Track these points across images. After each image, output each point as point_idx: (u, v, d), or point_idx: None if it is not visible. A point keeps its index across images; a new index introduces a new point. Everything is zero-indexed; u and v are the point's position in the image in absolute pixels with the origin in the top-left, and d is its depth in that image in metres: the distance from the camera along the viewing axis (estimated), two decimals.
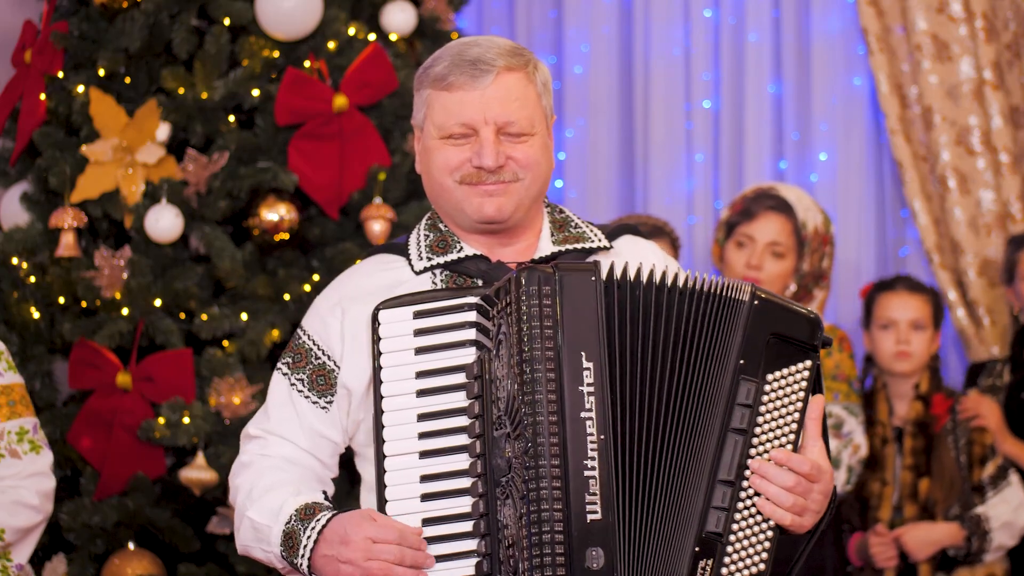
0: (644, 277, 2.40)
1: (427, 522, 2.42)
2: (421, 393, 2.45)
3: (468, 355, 2.45)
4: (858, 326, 5.21)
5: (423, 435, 2.44)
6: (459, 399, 2.44)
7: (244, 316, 4.27)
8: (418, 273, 2.61)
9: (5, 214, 4.50)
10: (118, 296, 4.22)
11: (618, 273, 2.39)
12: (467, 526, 2.41)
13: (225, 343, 4.29)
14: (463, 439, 2.43)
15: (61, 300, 4.30)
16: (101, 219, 4.37)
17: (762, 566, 2.35)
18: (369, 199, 4.34)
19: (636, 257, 2.57)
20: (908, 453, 4.44)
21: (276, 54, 4.36)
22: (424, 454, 2.44)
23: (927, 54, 5.09)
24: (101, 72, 4.35)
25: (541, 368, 2.33)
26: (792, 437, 2.39)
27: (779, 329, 2.38)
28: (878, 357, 4.53)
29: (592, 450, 2.32)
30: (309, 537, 2.46)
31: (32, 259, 4.36)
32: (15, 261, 4.34)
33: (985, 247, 5.06)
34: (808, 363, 2.39)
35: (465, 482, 2.42)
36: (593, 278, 2.37)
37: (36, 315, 4.30)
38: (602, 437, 2.32)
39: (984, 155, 5.07)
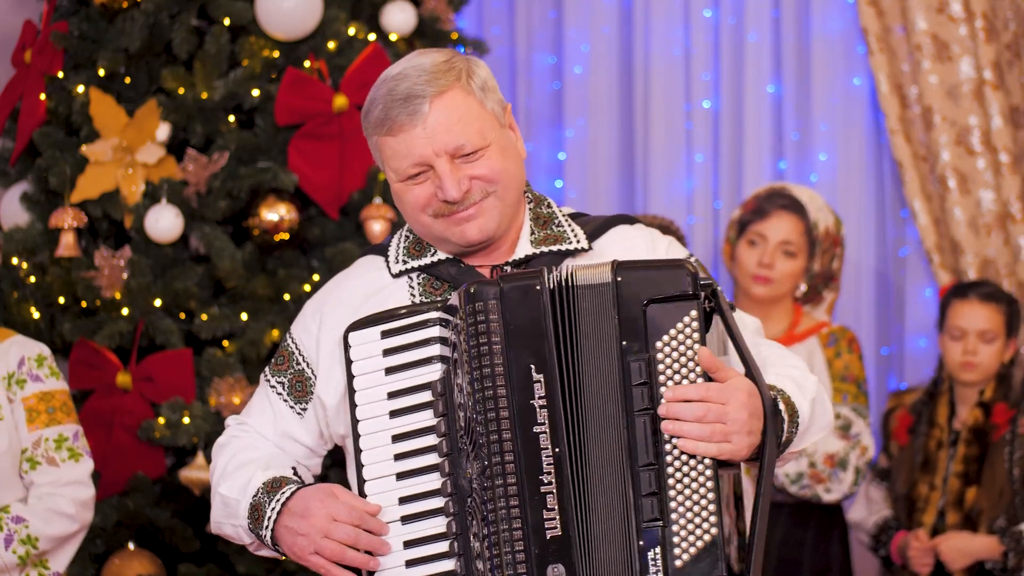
0: (582, 280, 2.36)
1: (408, 544, 2.42)
2: (394, 414, 2.44)
3: (436, 371, 2.43)
4: (857, 326, 5.22)
5: (398, 456, 2.44)
6: (429, 417, 2.43)
7: (244, 316, 4.27)
8: (395, 276, 2.59)
9: (5, 214, 4.50)
10: (118, 296, 4.22)
11: (562, 279, 2.36)
12: (444, 546, 2.41)
13: (225, 343, 4.29)
14: (435, 458, 2.42)
15: (61, 300, 4.30)
16: (101, 219, 4.37)
17: (713, 530, 2.28)
18: (369, 199, 4.34)
19: (622, 255, 2.54)
20: (960, 460, 4.40)
21: (276, 54, 4.36)
22: (401, 475, 2.44)
23: (927, 54, 5.09)
24: (101, 72, 4.35)
25: (491, 385, 2.33)
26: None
27: (652, 294, 2.33)
28: (947, 363, 4.49)
29: (548, 465, 2.31)
30: (273, 508, 2.48)
31: (32, 259, 4.36)
32: (15, 261, 4.34)
33: (985, 247, 5.06)
34: (693, 312, 2.32)
35: (440, 502, 2.41)
36: (538, 287, 2.35)
37: (36, 315, 4.30)
38: (556, 450, 2.31)
39: (984, 155, 5.07)
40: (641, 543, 2.29)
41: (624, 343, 2.33)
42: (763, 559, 4.51)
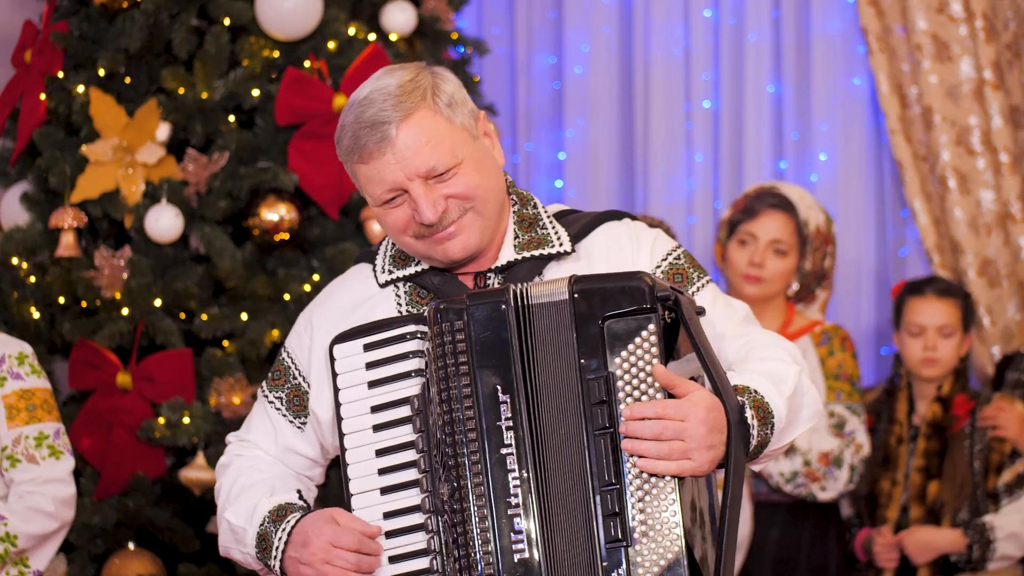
0: (537, 298, 2.34)
1: (393, 560, 2.42)
2: (377, 428, 2.44)
3: (415, 385, 2.43)
4: (858, 326, 5.22)
5: (382, 471, 2.44)
6: (409, 432, 2.43)
7: (244, 316, 4.27)
8: (382, 286, 2.59)
9: (5, 214, 4.50)
10: (118, 296, 4.22)
11: (520, 295, 2.34)
12: (425, 563, 2.40)
13: (225, 343, 4.29)
14: (416, 474, 2.42)
15: (61, 300, 4.30)
16: (101, 219, 4.37)
17: (676, 548, 2.26)
18: None
19: (607, 254, 2.53)
20: (920, 454, 4.43)
21: (276, 54, 4.36)
22: (384, 490, 2.44)
23: (927, 54, 5.09)
24: (101, 72, 4.35)
25: (459, 407, 2.32)
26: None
27: (609, 309, 2.30)
28: (906, 360, 4.52)
29: (515, 487, 2.31)
30: (280, 539, 2.48)
31: (32, 259, 4.36)
32: (15, 261, 4.34)
33: (985, 247, 5.06)
34: (651, 327, 2.29)
35: (420, 518, 2.41)
36: (503, 307, 2.33)
37: (36, 315, 4.30)
38: (524, 473, 2.31)
39: (984, 155, 5.07)
40: (605, 564, 2.28)
41: (583, 361, 2.31)
42: (760, 558, 4.53)
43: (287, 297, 4.31)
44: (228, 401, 4.16)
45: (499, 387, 2.32)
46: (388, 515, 2.43)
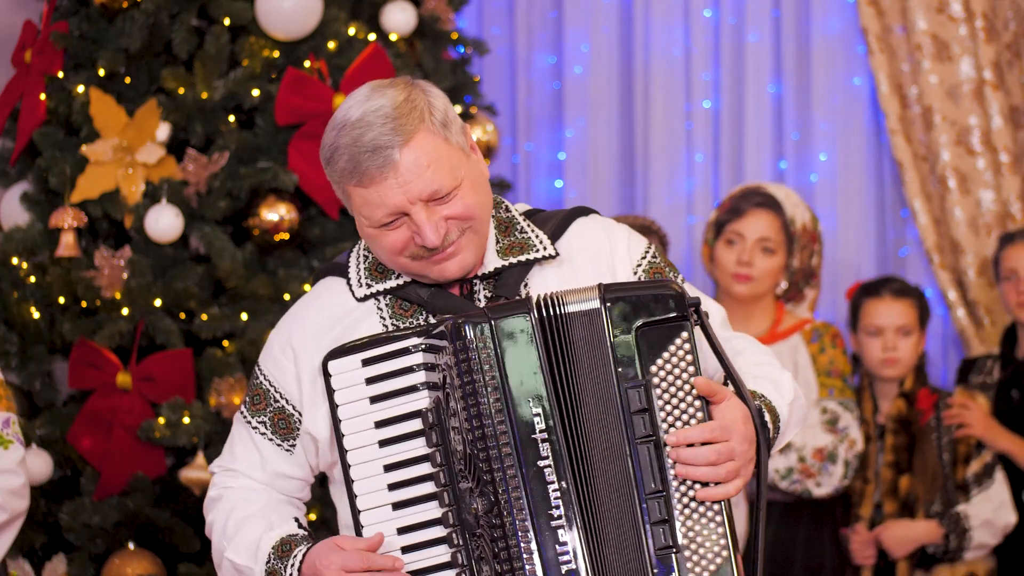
0: (572, 307, 2.33)
1: (414, 574, 2.40)
2: (383, 443, 2.42)
3: (422, 398, 2.41)
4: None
5: (392, 486, 2.41)
6: (421, 445, 2.41)
7: (244, 316, 4.27)
8: (361, 300, 2.54)
9: (5, 214, 4.50)
10: (118, 296, 4.22)
11: (548, 305, 2.33)
12: (452, 574, 2.39)
13: (225, 343, 4.29)
14: (431, 487, 2.40)
15: (61, 300, 4.30)
16: (101, 219, 4.37)
17: (725, 553, 2.30)
18: None
19: (584, 255, 2.53)
20: (889, 450, 4.46)
21: (276, 54, 4.36)
22: (396, 505, 2.41)
23: (927, 54, 5.09)
24: (101, 72, 4.35)
25: (491, 422, 2.31)
26: (699, 414, 2.32)
27: (642, 317, 2.31)
28: (865, 361, 4.55)
29: (556, 499, 2.30)
30: (289, 574, 2.45)
31: (32, 259, 4.36)
32: (15, 261, 4.34)
33: (985, 247, 5.06)
34: (684, 335, 2.31)
35: (440, 531, 2.39)
36: (527, 319, 2.32)
37: (36, 315, 4.30)
38: (563, 484, 2.30)
39: (984, 155, 5.08)
40: (656, 571, 2.30)
41: (619, 369, 2.31)
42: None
43: (287, 297, 4.31)
44: (228, 401, 4.16)
45: (530, 400, 2.31)
46: (403, 530, 2.41)
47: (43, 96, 4.39)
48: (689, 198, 5.45)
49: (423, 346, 2.40)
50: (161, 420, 4.15)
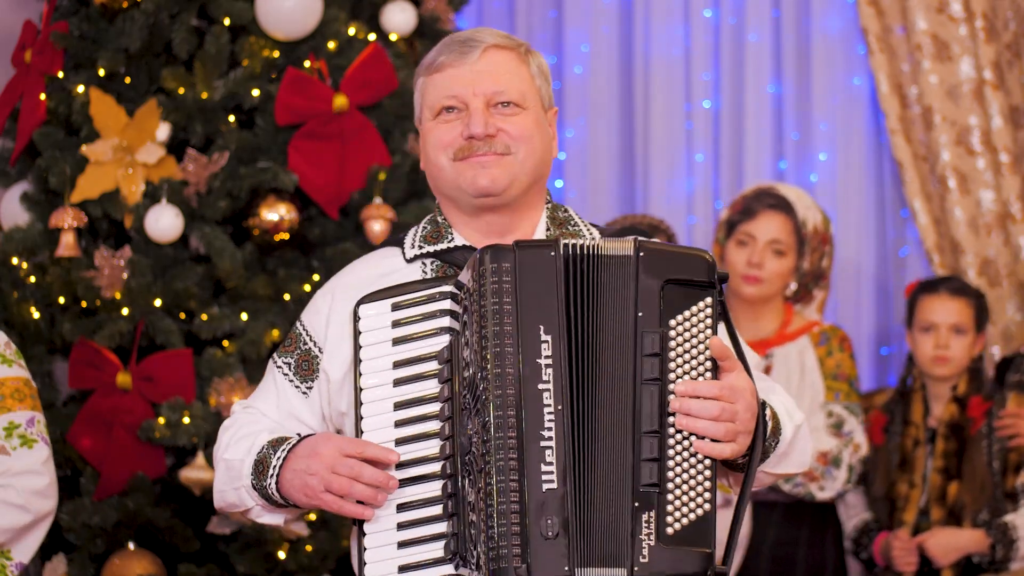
0: (606, 251, 2.39)
1: (401, 507, 2.44)
2: (398, 382, 2.47)
3: (443, 342, 2.46)
4: (857, 327, 5.22)
5: (399, 423, 2.46)
6: (434, 386, 2.46)
7: (244, 316, 4.27)
8: (409, 261, 2.63)
9: (5, 214, 4.50)
10: (118, 296, 4.22)
11: (577, 249, 2.38)
12: (437, 510, 2.42)
13: (225, 343, 4.29)
14: (436, 425, 2.44)
15: (61, 300, 4.30)
16: (101, 219, 4.37)
17: (707, 506, 2.32)
18: (369, 199, 4.34)
19: None
20: (939, 455, 4.40)
21: (276, 54, 4.36)
22: (400, 441, 2.45)
23: (927, 54, 5.09)
24: (101, 72, 4.35)
25: (499, 342, 2.34)
26: (707, 375, 2.36)
27: (672, 275, 2.36)
28: (918, 359, 4.49)
29: (549, 421, 2.32)
30: (279, 457, 2.50)
31: (32, 259, 4.36)
32: (15, 261, 4.34)
33: (985, 247, 5.06)
34: (708, 300, 2.37)
35: (437, 466, 2.43)
36: (552, 253, 2.37)
37: (36, 315, 4.30)
38: (559, 407, 2.32)
39: (984, 155, 5.07)
40: (636, 504, 2.31)
41: (640, 314, 2.35)
42: (758, 559, 4.54)
43: (287, 297, 4.31)
44: (228, 401, 4.16)
45: (542, 327, 2.34)
46: (401, 465, 2.44)
47: (43, 96, 4.39)
48: (689, 198, 5.44)
49: (451, 294, 2.45)
50: (161, 420, 4.16)
